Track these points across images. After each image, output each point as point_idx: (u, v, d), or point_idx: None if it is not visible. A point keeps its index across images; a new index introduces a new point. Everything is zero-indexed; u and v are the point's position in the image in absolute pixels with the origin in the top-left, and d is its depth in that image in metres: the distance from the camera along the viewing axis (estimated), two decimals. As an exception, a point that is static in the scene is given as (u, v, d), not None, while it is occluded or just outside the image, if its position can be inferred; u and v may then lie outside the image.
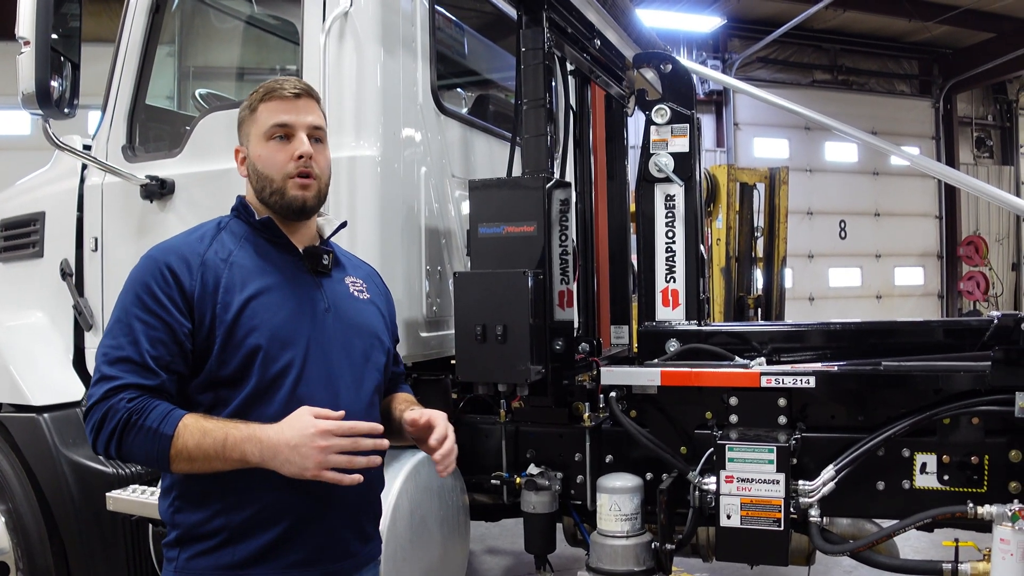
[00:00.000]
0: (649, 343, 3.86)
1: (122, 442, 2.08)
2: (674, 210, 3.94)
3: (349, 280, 2.52)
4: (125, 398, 2.08)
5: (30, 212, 4.46)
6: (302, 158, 2.31)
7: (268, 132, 2.33)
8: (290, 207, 2.34)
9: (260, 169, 2.34)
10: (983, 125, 22.54)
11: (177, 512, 2.25)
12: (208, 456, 2.07)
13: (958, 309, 20.80)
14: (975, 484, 3.20)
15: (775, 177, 10.74)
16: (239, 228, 2.36)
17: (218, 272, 2.22)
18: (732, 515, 3.17)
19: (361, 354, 2.42)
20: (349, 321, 2.41)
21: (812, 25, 18.32)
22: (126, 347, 2.13)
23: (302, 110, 2.35)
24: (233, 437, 2.07)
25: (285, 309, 2.27)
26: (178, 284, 2.18)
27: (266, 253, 2.34)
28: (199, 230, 2.35)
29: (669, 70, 4.03)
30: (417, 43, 3.76)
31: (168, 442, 2.06)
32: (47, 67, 3.16)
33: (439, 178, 3.85)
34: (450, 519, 3.57)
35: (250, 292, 2.23)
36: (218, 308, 2.19)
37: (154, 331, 2.14)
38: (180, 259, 2.22)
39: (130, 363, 2.11)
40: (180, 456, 2.07)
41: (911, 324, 3.75)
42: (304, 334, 2.27)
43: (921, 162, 5.47)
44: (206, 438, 2.07)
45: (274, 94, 2.34)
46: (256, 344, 2.19)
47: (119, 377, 2.10)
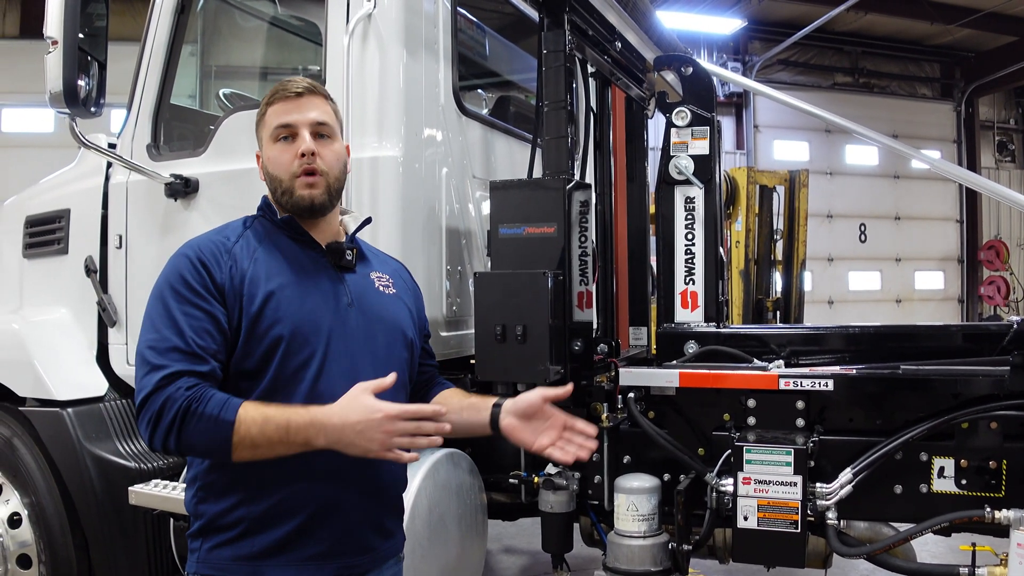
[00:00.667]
0: (668, 345, 3.86)
1: (183, 432, 2.07)
2: (694, 212, 3.95)
3: (375, 275, 2.53)
4: (182, 386, 2.08)
5: (55, 209, 4.51)
6: (304, 156, 2.33)
7: (274, 134, 2.36)
8: (299, 206, 2.36)
9: (270, 171, 2.39)
10: (1005, 129, 22.41)
11: (200, 503, 2.28)
12: (271, 442, 2.08)
13: (978, 314, 20.69)
14: (993, 488, 3.19)
15: (795, 180, 10.71)
16: (264, 226, 2.40)
17: (244, 265, 2.26)
18: (749, 517, 3.18)
19: (384, 348, 2.43)
20: (373, 316, 2.42)
21: (833, 27, 18.27)
22: (172, 338, 2.13)
23: (304, 107, 2.36)
24: (296, 423, 2.08)
25: (308, 303, 2.29)
26: (211, 275, 2.21)
27: (290, 250, 2.36)
28: (227, 228, 2.39)
29: (690, 72, 4.03)
30: (439, 45, 3.79)
31: (230, 429, 2.06)
32: (74, 66, 3.20)
33: (460, 179, 3.88)
34: (468, 517, 3.59)
35: (274, 285, 2.25)
36: (244, 300, 2.21)
37: (197, 321, 2.16)
38: (210, 253, 2.25)
39: (179, 352, 2.12)
40: (243, 443, 2.07)
41: (930, 328, 3.74)
42: (326, 328, 2.29)
43: (942, 166, 5.44)
44: (268, 424, 2.07)
45: (277, 95, 2.38)
46: (279, 335, 2.22)
47: (170, 365, 2.10)
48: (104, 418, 4.08)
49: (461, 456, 3.55)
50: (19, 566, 4.05)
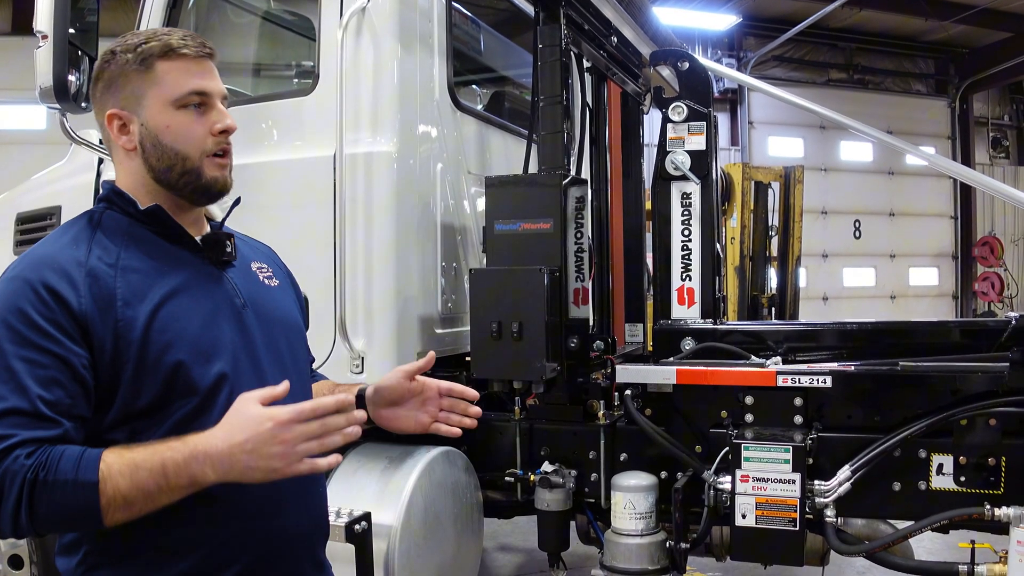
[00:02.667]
0: (664, 341, 3.84)
1: (34, 509, 1.60)
2: (690, 208, 3.93)
3: (255, 267, 2.12)
4: (21, 455, 1.60)
5: (47, 206, 4.48)
6: (224, 133, 1.93)
7: (181, 99, 1.89)
8: (207, 190, 1.94)
9: (169, 143, 1.89)
10: (999, 125, 22.43)
11: (89, 571, 1.80)
12: (149, 493, 1.64)
13: (972, 310, 20.70)
14: (992, 486, 3.17)
15: (790, 176, 10.72)
16: (117, 222, 1.90)
17: (110, 282, 1.77)
18: (747, 514, 3.16)
19: (288, 352, 2.07)
20: (268, 316, 2.04)
21: (828, 24, 18.26)
22: (9, 396, 1.64)
23: (213, 75, 1.95)
24: (173, 461, 1.64)
25: (199, 313, 1.86)
26: (63, 305, 1.71)
27: (158, 249, 1.90)
28: (68, 232, 1.87)
29: (686, 68, 4.02)
30: (434, 39, 3.76)
31: (94, 491, 1.61)
32: (64, 61, 3.16)
33: (455, 174, 3.85)
34: (464, 516, 3.57)
35: (155, 301, 1.80)
36: (120, 327, 1.74)
37: (43, 369, 1.67)
38: (59, 273, 1.74)
39: (19, 415, 1.63)
40: (113, 504, 1.62)
41: (927, 324, 3.74)
42: (227, 339, 1.89)
43: (938, 161, 5.45)
44: (139, 472, 1.63)
45: (177, 52, 1.89)
46: (176, 361, 1.77)
47: (10, 435, 1.61)
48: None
49: (457, 454, 3.53)
50: (11, 567, 4.01)
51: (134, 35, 1.93)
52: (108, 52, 1.93)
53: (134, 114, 1.90)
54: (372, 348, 3.42)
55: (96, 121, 1.98)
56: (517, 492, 3.72)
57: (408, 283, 3.51)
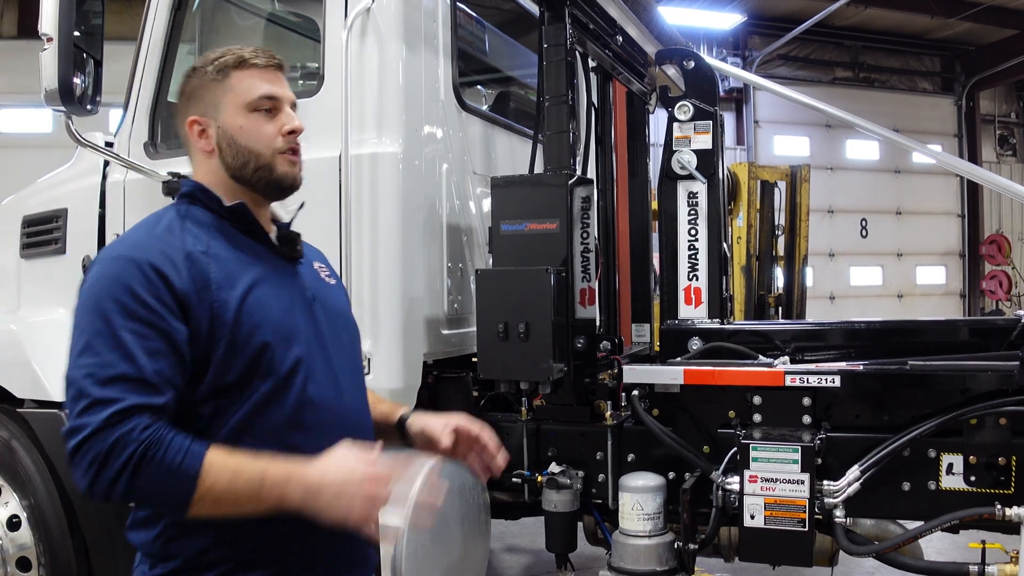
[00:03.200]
0: (671, 341, 3.83)
1: (134, 481, 1.73)
2: (697, 207, 3.91)
3: (317, 265, 2.32)
4: (138, 426, 1.74)
5: (53, 209, 4.47)
6: (293, 133, 2.12)
7: (253, 103, 2.09)
8: (280, 184, 2.13)
9: (243, 142, 2.09)
10: (1006, 123, 22.39)
11: (170, 542, 1.94)
12: (239, 499, 1.78)
13: (980, 308, 20.66)
14: (1002, 485, 3.15)
15: (796, 175, 10.70)
16: (203, 217, 2.08)
17: (205, 267, 1.94)
18: (756, 515, 3.14)
19: (349, 345, 2.25)
20: (331, 310, 2.22)
21: (833, 22, 18.24)
22: (118, 363, 1.78)
23: (283, 83, 2.16)
24: (272, 476, 1.78)
25: (280, 302, 2.05)
26: (167, 284, 1.87)
27: (239, 242, 2.08)
28: (160, 222, 2.04)
29: (692, 66, 4.00)
30: (439, 39, 3.75)
31: (193, 484, 1.75)
32: (70, 64, 3.16)
33: (460, 175, 3.84)
34: (471, 517, 3.55)
35: (244, 286, 1.97)
36: (216, 308, 1.91)
37: (149, 341, 1.81)
38: (163, 255, 1.91)
39: (128, 381, 1.77)
40: (205, 499, 1.76)
41: (936, 323, 3.72)
42: (301, 327, 2.06)
43: (945, 159, 5.42)
44: (239, 479, 1.77)
45: (249, 63, 2.11)
46: (263, 342, 1.94)
47: (120, 399, 1.75)
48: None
49: (464, 456, 3.51)
50: (19, 569, 4.01)
51: (212, 52, 2.15)
52: (190, 69, 2.16)
53: (212, 119, 2.11)
54: (378, 349, 3.41)
55: (178, 131, 2.18)
56: (524, 493, 3.71)
57: (414, 284, 3.50)
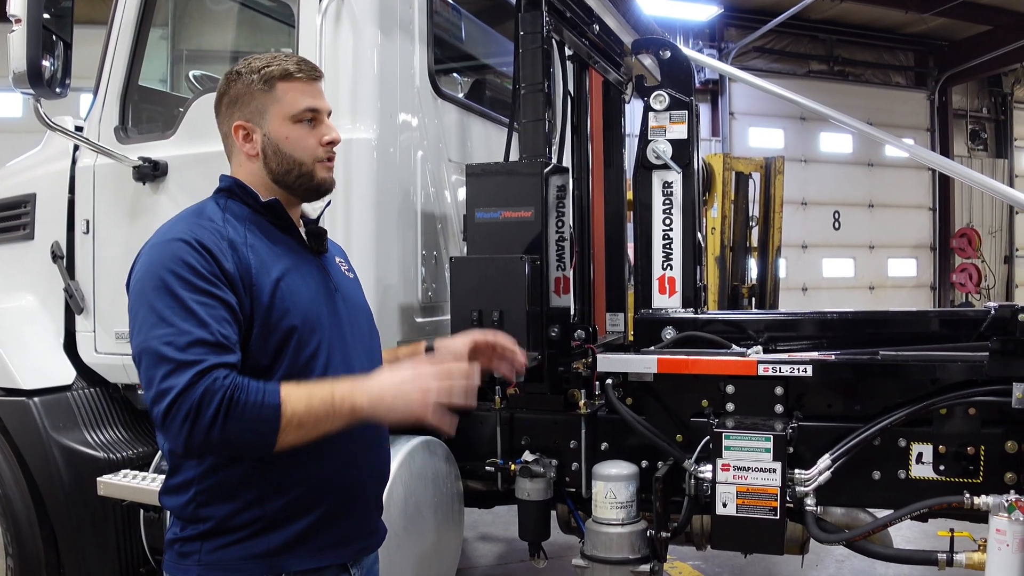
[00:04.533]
0: (645, 330, 3.83)
1: (227, 425, 1.89)
2: (671, 197, 3.92)
3: (338, 260, 2.50)
4: (219, 377, 1.91)
5: (21, 194, 4.42)
6: (331, 144, 2.31)
7: (298, 115, 2.25)
8: (318, 189, 2.33)
9: (287, 151, 2.26)
10: (978, 118, 22.56)
11: (202, 507, 2.12)
12: (318, 418, 1.97)
13: (950, 301, 20.86)
14: (971, 474, 3.19)
15: (771, 167, 10.73)
16: (239, 210, 2.25)
17: (244, 253, 2.12)
18: (728, 503, 3.16)
19: (367, 335, 2.43)
20: (351, 302, 2.40)
21: (809, 15, 18.29)
22: (194, 330, 1.95)
23: (322, 95, 2.33)
24: (340, 390, 2.00)
25: (308, 290, 2.23)
26: (218, 263, 2.05)
27: (273, 235, 2.26)
28: (204, 212, 2.21)
29: (668, 56, 3.99)
30: (415, 26, 3.73)
31: (277, 412, 1.93)
32: (39, 46, 3.13)
33: (436, 162, 3.83)
34: (444, 506, 3.56)
35: (277, 273, 2.15)
36: (255, 290, 2.09)
37: (215, 310, 2.00)
38: (211, 238, 2.09)
39: (205, 344, 1.94)
40: (291, 424, 1.95)
41: (907, 314, 3.75)
42: (324, 316, 2.24)
43: (918, 152, 5.45)
44: (313, 399, 1.97)
45: (294, 76, 2.27)
46: (291, 326, 2.13)
47: (202, 360, 1.92)
48: (72, 407, 4.01)
49: (437, 444, 3.51)
50: (-13, 557, 3.98)
51: (256, 59, 2.30)
52: (234, 72, 2.31)
53: (257, 126, 2.26)
54: (352, 337, 3.40)
55: (219, 130, 2.34)
56: (498, 481, 3.71)
57: (388, 271, 3.49)
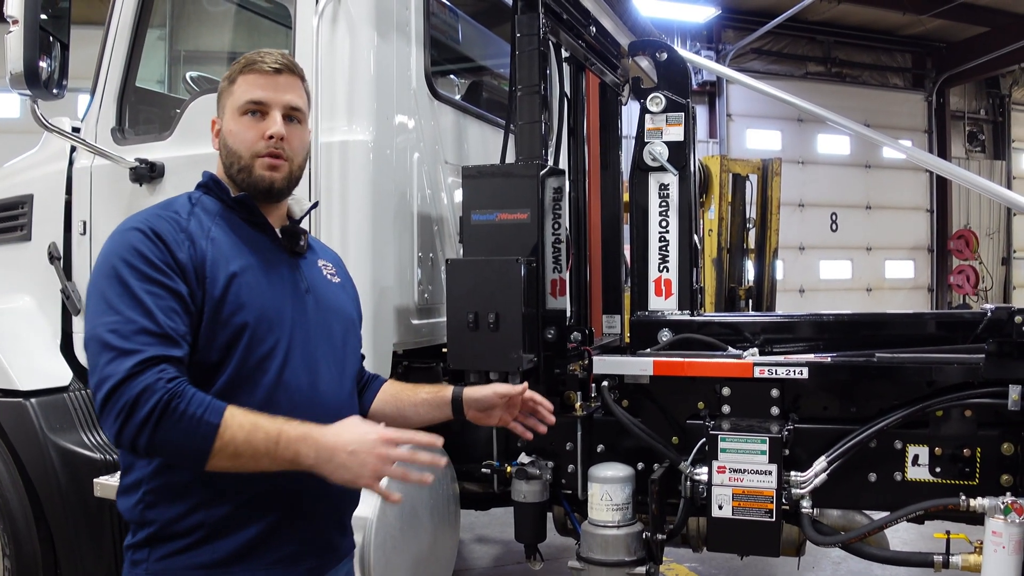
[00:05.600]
0: (641, 333, 3.83)
1: (159, 429, 1.82)
2: (668, 199, 3.92)
3: (321, 263, 2.42)
4: (163, 377, 1.84)
5: (18, 195, 4.41)
6: (272, 139, 2.17)
7: (242, 107, 2.18)
8: (256, 187, 2.19)
9: (229, 144, 2.20)
10: (975, 119, 22.60)
11: (148, 508, 2.04)
12: (256, 453, 1.87)
13: (947, 302, 20.89)
14: (967, 476, 3.19)
15: (768, 168, 10.73)
16: (212, 205, 2.19)
17: (202, 245, 2.05)
18: (724, 505, 3.16)
19: (340, 339, 2.33)
20: (327, 304, 2.31)
21: (806, 17, 18.32)
22: (139, 319, 1.88)
23: (281, 87, 2.20)
24: (288, 435, 1.88)
25: (269, 289, 2.13)
26: (170, 251, 1.99)
27: (242, 231, 2.18)
28: (172, 204, 2.17)
29: (664, 58, 4.00)
30: (411, 28, 3.72)
31: (214, 432, 1.84)
32: (36, 46, 3.12)
33: (432, 164, 3.82)
34: (440, 508, 3.55)
35: (235, 268, 2.07)
36: (207, 283, 2.01)
37: (163, 300, 1.93)
38: (165, 229, 2.03)
39: (149, 334, 1.88)
40: (224, 450, 1.85)
41: (904, 316, 3.74)
42: (288, 316, 2.15)
43: (915, 154, 5.46)
44: (257, 432, 1.86)
45: (254, 67, 2.20)
46: (243, 322, 2.03)
47: (142, 350, 1.85)
48: (68, 408, 4.00)
49: (433, 446, 3.50)
50: (-17, 558, 3.97)
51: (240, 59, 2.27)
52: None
53: (220, 121, 2.25)
54: (348, 339, 3.39)
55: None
56: (494, 484, 3.71)
57: (384, 273, 3.49)
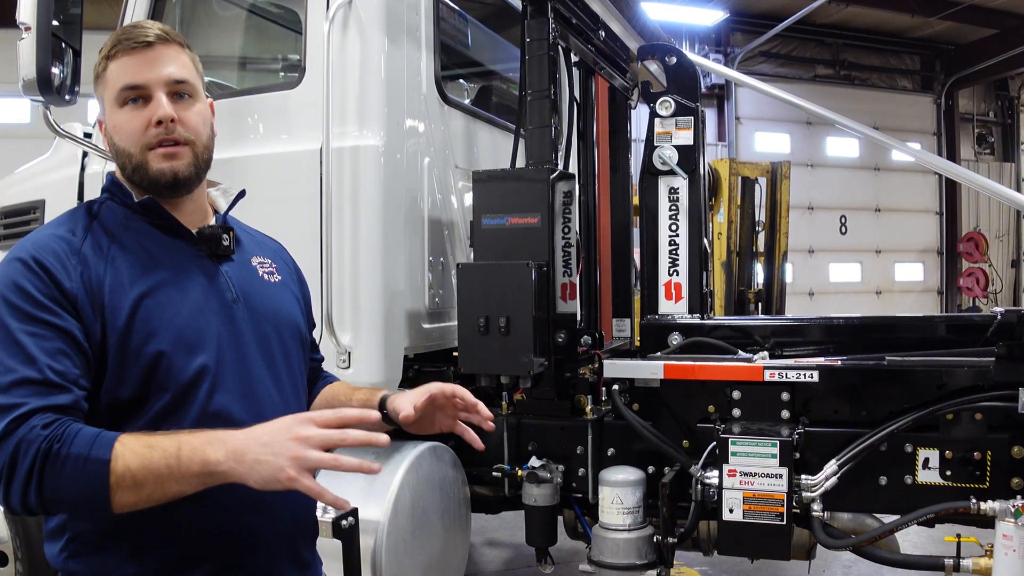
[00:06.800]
0: (652, 336, 3.84)
1: (43, 481, 1.59)
2: (678, 203, 3.93)
3: (256, 261, 2.11)
4: (37, 425, 1.60)
5: (30, 200, 4.45)
6: (161, 124, 1.86)
7: (119, 96, 1.87)
8: (157, 183, 1.89)
9: (116, 142, 1.90)
10: (984, 121, 22.53)
11: (72, 557, 1.80)
12: (160, 476, 1.60)
13: (957, 305, 20.82)
14: (978, 480, 3.19)
15: (777, 171, 10.72)
16: (116, 212, 1.92)
17: (99, 269, 1.79)
18: (734, 509, 3.16)
19: (280, 351, 2.03)
20: (261, 312, 2.00)
21: (814, 20, 18.31)
22: (18, 367, 1.65)
23: (157, 61, 1.87)
24: (189, 444, 1.62)
25: (186, 305, 1.85)
26: (56, 284, 1.73)
27: (152, 240, 1.90)
28: (67, 221, 1.89)
29: (674, 62, 4.01)
30: (421, 33, 3.74)
31: (105, 468, 1.58)
32: (48, 53, 3.13)
33: (442, 169, 3.84)
34: (451, 511, 3.56)
35: (141, 289, 1.80)
36: (107, 312, 1.75)
37: (48, 341, 1.69)
38: (52, 255, 1.77)
39: (30, 384, 1.64)
40: (123, 483, 1.59)
41: (914, 319, 3.74)
42: (213, 333, 1.87)
43: (924, 157, 5.45)
44: (154, 452, 1.61)
45: (121, 47, 1.87)
46: (158, 351, 1.77)
47: (22, 404, 1.62)
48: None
49: (444, 449, 3.52)
50: (-5, 562, 3.99)
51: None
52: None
53: (104, 118, 1.94)
54: (359, 343, 3.41)
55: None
56: (505, 487, 3.72)
57: (395, 278, 3.50)
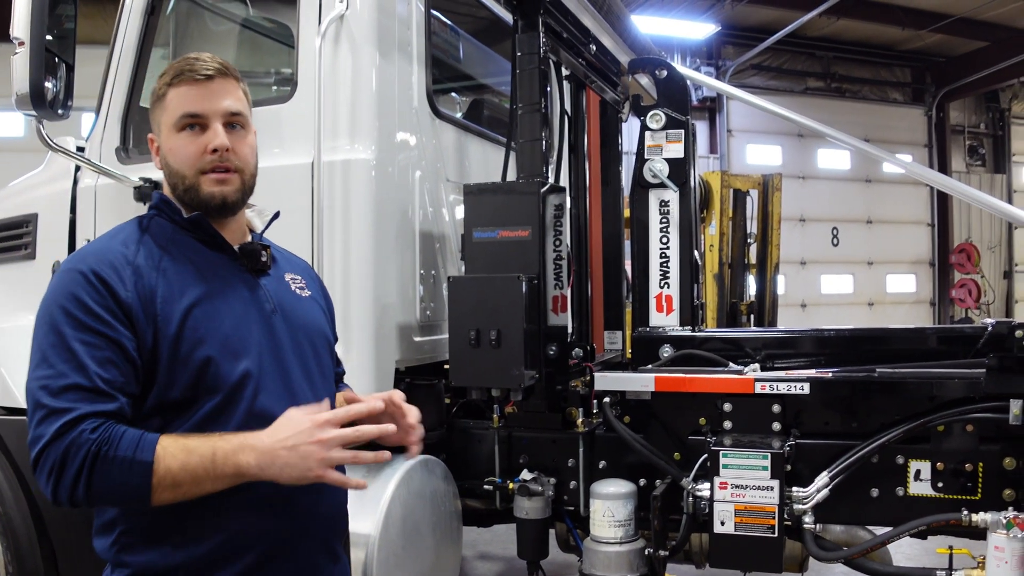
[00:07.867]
0: (643, 349, 3.84)
1: (92, 481, 1.78)
2: (668, 216, 3.93)
3: (289, 277, 2.30)
4: (86, 430, 1.79)
5: (23, 214, 4.43)
6: (216, 152, 2.06)
7: (178, 122, 2.07)
8: (207, 205, 2.08)
9: (171, 164, 2.09)
10: (975, 133, 22.64)
11: (123, 551, 1.97)
12: (197, 477, 1.82)
13: (950, 317, 20.87)
14: (969, 491, 3.19)
15: (768, 184, 10.76)
16: (164, 228, 2.10)
17: (151, 280, 1.96)
18: (726, 521, 3.16)
19: (313, 358, 2.22)
20: (297, 323, 2.20)
21: (806, 33, 18.40)
22: (70, 374, 1.83)
23: (216, 94, 2.09)
24: (223, 450, 1.83)
25: (231, 315, 2.04)
26: (112, 294, 1.91)
27: (199, 254, 2.09)
28: (120, 234, 2.08)
29: (664, 76, 4.03)
30: (412, 47, 3.75)
31: (148, 469, 1.79)
32: (41, 68, 3.14)
33: (434, 182, 3.85)
34: (442, 525, 3.56)
35: (190, 300, 1.98)
36: (160, 321, 1.93)
37: (99, 351, 1.86)
38: (109, 266, 1.94)
39: (80, 390, 1.82)
40: (163, 483, 1.80)
41: (905, 331, 3.75)
42: (255, 341, 2.06)
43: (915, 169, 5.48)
44: (192, 456, 1.81)
45: (183, 77, 2.08)
46: (206, 356, 1.95)
47: (72, 408, 1.80)
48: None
49: (435, 463, 3.52)
50: (-15, 578, 3.97)
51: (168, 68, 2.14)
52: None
53: (158, 139, 2.14)
54: (350, 356, 3.40)
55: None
56: (496, 500, 3.71)
57: (386, 291, 3.50)
